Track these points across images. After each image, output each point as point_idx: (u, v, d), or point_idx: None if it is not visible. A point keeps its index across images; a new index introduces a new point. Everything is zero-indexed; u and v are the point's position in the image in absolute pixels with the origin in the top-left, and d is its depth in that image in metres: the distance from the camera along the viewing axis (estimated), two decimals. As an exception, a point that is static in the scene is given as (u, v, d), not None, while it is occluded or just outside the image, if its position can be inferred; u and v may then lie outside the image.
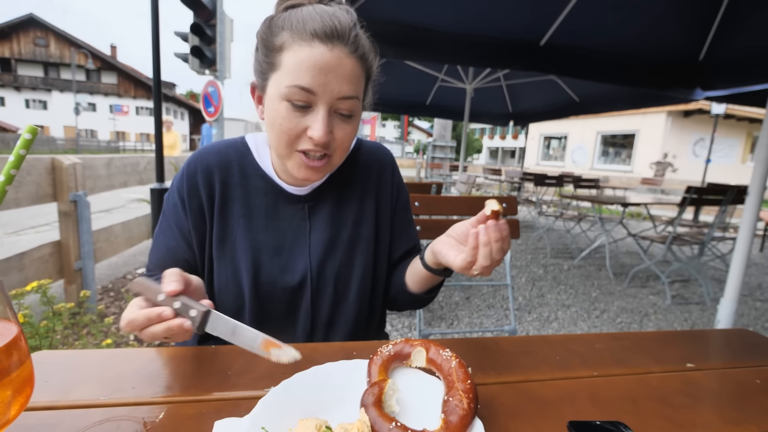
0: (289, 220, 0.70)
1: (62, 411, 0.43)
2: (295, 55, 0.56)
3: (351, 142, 0.64)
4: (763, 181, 1.78)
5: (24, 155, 0.32)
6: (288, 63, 0.57)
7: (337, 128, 0.61)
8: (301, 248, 0.70)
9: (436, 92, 5.48)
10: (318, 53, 0.56)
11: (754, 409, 0.50)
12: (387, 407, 0.43)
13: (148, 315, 0.45)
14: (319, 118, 0.58)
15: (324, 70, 0.56)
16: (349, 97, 0.59)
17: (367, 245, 0.74)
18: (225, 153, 0.70)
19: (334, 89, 0.57)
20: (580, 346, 0.65)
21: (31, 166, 2.00)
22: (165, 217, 0.69)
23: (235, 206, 0.69)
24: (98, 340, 1.71)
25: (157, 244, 0.69)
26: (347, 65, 0.58)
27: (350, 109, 0.60)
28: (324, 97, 0.57)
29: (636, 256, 4.50)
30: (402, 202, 0.80)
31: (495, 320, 2.61)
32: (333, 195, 0.73)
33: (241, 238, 0.68)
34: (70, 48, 29.26)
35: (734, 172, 14.99)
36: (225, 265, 0.68)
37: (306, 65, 0.56)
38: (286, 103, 0.58)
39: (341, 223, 0.73)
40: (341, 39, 0.57)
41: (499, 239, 0.50)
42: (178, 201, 0.67)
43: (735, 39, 2.57)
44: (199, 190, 0.67)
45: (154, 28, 2.94)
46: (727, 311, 1.85)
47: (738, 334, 0.74)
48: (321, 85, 0.56)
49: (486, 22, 2.56)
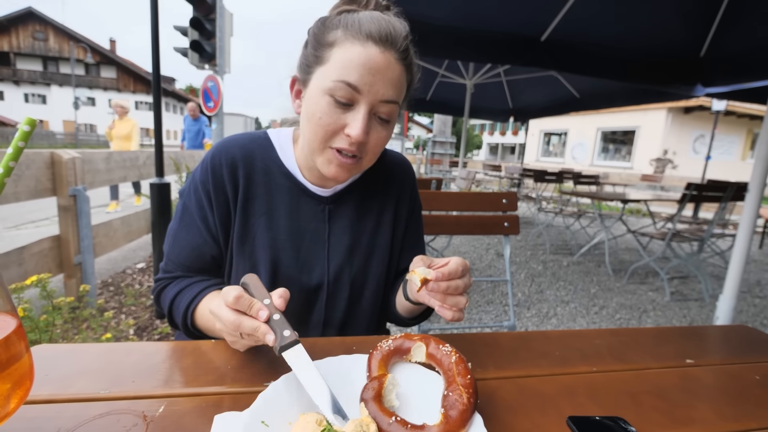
0: (309, 221, 0.70)
1: (62, 404, 0.43)
2: (347, 52, 0.57)
3: (383, 147, 0.64)
4: (763, 178, 1.78)
5: (22, 147, 0.31)
6: (337, 58, 0.57)
7: (373, 131, 0.60)
8: (318, 250, 0.70)
9: (436, 87, 5.46)
10: (370, 53, 0.56)
11: (753, 405, 0.50)
12: (387, 402, 0.43)
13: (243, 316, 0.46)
14: (359, 117, 0.57)
15: (373, 70, 0.56)
16: (391, 101, 0.59)
17: (383, 254, 0.74)
18: (249, 147, 0.69)
19: (379, 91, 0.57)
20: (579, 341, 0.65)
21: (30, 160, 2.00)
22: (187, 212, 0.67)
23: (257, 203, 0.68)
24: (98, 334, 1.71)
25: (179, 242, 0.67)
26: (395, 70, 0.58)
27: (389, 113, 0.60)
28: (368, 97, 0.57)
29: (635, 252, 4.51)
30: (416, 215, 0.82)
31: (494, 316, 2.61)
32: (354, 200, 0.73)
33: (261, 236, 0.67)
34: (69, 42, 29.05)
35: (734, 169, 14.97)
36: (244, 261, 0.67)
37: (356, 63, 0.56)
38: (329, 97, 0.57)
39: (360, 230, 0.73)
40: (394, 45, 0.58)
41: (446, 295, 0.52)
42: (203, 195, 0.65)
43: (737, 35, 2.55)
44: (225, 184, 0.66)
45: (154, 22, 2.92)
46: (726, 308, 1.86)
47: (737, 331, 0.75)
48: (367, 84, 0.56)
49: (487, 17, 2.55)
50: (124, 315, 2.32)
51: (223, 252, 0.68)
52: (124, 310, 2.37)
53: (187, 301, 0.63)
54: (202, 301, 0.62)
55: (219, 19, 3.98)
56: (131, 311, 2.36)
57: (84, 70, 30.93)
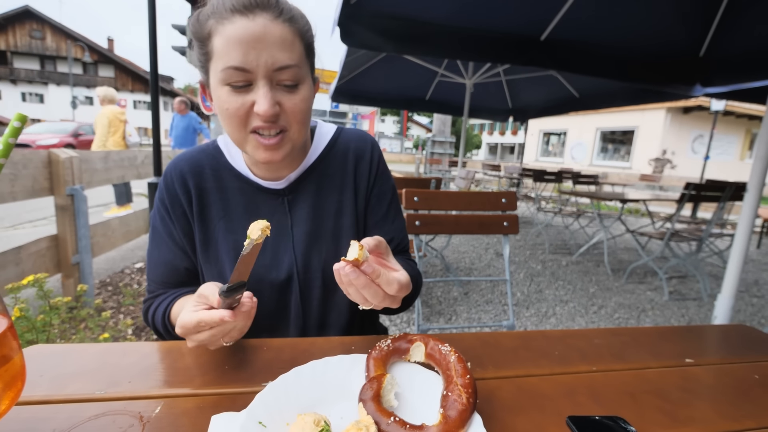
0: (270, 216, 0.70)
1: (57, 405, 0.42)
2: (222, 37, 0.55)
3: (304, 112, 0.60)
4: (762, 178, 1.78)
5: (13, 144, 0.31)
6: (218, 47, 0.55)
7: (284, 100, 0.58)
8: (284, 243, 0.69)
9: (435, 87, 5.45)
10: (240, 26, 0.54)
11: (752, 405, 0.50)
12: (385, 402, 0.43)
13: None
14: (260, 93, 0.55)
15: (251, 42, 0.54)
16: (287, 65, 0.56)
17: (351, 236, 0.72)
18: (197, 159, 0.70)
19: (268, 61, 0.55)
20: (578, 341, 0.65)
21: (27, 159, 1.99)
22: (155, 231, 0.69)
23: (213, 209, 0.69)
24: (95, 334, 1.70)
25: (153, 261, 0.69)
26: (275, 31, 0.55)
27: (292, 78, 0.57)
28: (260, 71, 0.55)
29: (634, 252, 4.51)
30: (378, 191, 0.76)
31: (493, 315, 2.61)
32: (312, 187, 0.72)
33: (223, 240, 0.68)
34: (66, 41, 28.94)
35: (733, 169, 15.01)
36: (210, 267, 0.69)
37: (233, 42, 0.54)
38: (227, 87, 0.56)
39: (322, 214, 0.71)
40: (261, 6, 0.55)
41: (350, 285, 0.46)
42: (164, 211, 0.68)
43: (736, 34, 2.55)
44: (179, 197, 0.68)
45: (151, 20, 2.91)
46: (724, 307, 1.86)
47: (736, 330, 0.74)
48: (252, 59, 0.54)
49: (486, 17, 2.54)
50: (122, 315, 2.31)
51: (194, 262, 0.70)
52: (122, 310, 2.37)
53: (163, 309, 0.65)
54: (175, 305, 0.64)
55: (217, 18, 3.97)
56: (129, 311, 2.36)
57: (82, 69, 30.82)
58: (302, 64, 0.59)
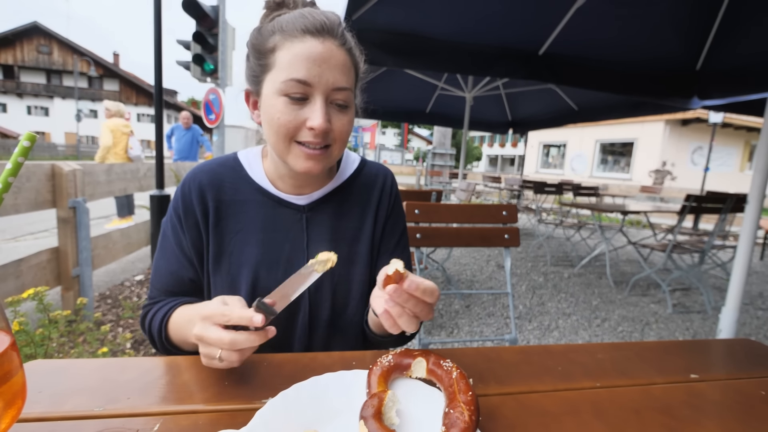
0: (287, 231, 0.70)
1: (55, 422, 0.42)
2: (289, 52, 0.59)
3: (348, 133, 0.65)
4: (762, 190, 1.78)
5: (22, 163, 0.31)
6: (282, 60, 0.59)
7: (334, 118, 0.62)
8: (299, 261, 0.69)
9: (435, 100, 5.52)
10: (311, 46, 0.58)
11: (759, 422, 0.49)
12: (387, 419, 0.42)
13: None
14: (317, 108, 0.59)
15: (317, 61, 0.58)
16: (344, 87, 0.61)
17: (365, 263, 0.74)
18: (217, 172, 0.70)
19: (329, 80, 0.59)
20: (582, 356, 0.64)
21: (30, 172, 2.00)
22: (165, 239, 0.70)
23: (231, 222, 0.69)
24: (94, 348, 1.69)
25: (159, 270, 0.69)
26: (338, 56, 0.60)
27: (345, 99, 0.62)
28: (320, 88, 0.59)
29: (636, 264, 4.49)
30: (395, 222, 0.79)
31: (495, 329, 2.58)
32: (332, 209, 0.73)
33: (238, 253, 0.68)
34: (73, 55, 29.51)
35: (733, 180, 15.03)
36: (222, 280, 0.68)
37: (300, 58, 0.58)
38: (284, 98, 0.59)
39: (339, 238, 0.72)
40: (330, 33, 0.60)
41: (408, 301, 0.45)
42: (176, 221, 0.68)
43: (732, 48, 2.59)
44: (194, 208, 0.68)
45: (157, 36, 2.97)
46: (729, 320, 1.84)
47: (741, 344, 0.74)
48: (316, 75, 0.58)
49: (485, 31, 2.59)
50: (121, 328, 2.29)
51: (199, 274, 0.70)
52: (121, 323, 2.35)
53: (162, 314, 0.64)
54: (175, 312, 0.64)
55: (221, 34, 4.04)
56: (128, 324, 2.34)
57: (87, 82, 31.30)
58: (353, 89, 0.64)
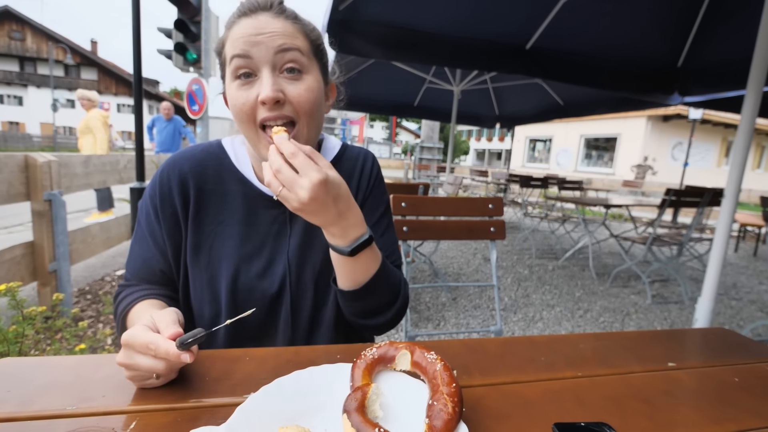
0: (269, 224, 0.68)
1: (24, 422, 0.40)
2: (231, 39, 0.59)
3: (310, 102, 0.60)
4: (738, 185, 1.84)
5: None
6: (228, 49, 0.59)
7: (287, 87, 0.58)
8: (280, 253, 0.68)
9: (423, 94, 5.50)
10: (245, 24, 0.58)
11: (733, 408, 0.51)
12: (370, 413, 0.42)
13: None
14: (264, 79, 0.57)
15: (253, 34, 0.57)
16: (287, 48, 0.58)
17: None
18: (200, 158, 0.68)
19: (268, 45, 0.57)
20: (564, 346, 0.65)
21: (2, 163, 1.92)
22: (140, 226, 0.67)
23: (211, 213, 0.67)
24: (72, 345, 1.64)
25: (133, 254, 0.67)
26: (276, 24, 0.58)
27: (295, 61, 0.58)
28: (262, 59, 0.57)
29: (618, 256, 4.60)
30: (372, 201, 0.75)
31: (481, 321, 2.62)
32: None
33: (218, 245, 0.66)
34: (47, 42, 28.26)
35: (710, 175, 15.51)
36: (200, 272, 0.66)
37: (237, 37, 0.58)
38: (236, 81, 0.59)
39: None
40: (263, 8, 0.59)
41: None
42: (151, 210, 0.66)
43: (711, 47, 2.66)
44: (173, 198, 0.65)
45: (135, 23, 2.87)
46: (705, 310, 1.91)
47: (716, 333, 0.76)
48: (254, 45, 0.57)
49: (473, 25, 2.58)
50: (101, 324, 2.24)
51: (173, 266, 0.67)
52: (101, 319, 2.29)
53: (126, 304, 0.63)
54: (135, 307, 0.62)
55: (204, 22, 3.93)
56: (109, 320, 2.28)
57: (63, 71, 30.11)
58: (307, 54, 0.61)
